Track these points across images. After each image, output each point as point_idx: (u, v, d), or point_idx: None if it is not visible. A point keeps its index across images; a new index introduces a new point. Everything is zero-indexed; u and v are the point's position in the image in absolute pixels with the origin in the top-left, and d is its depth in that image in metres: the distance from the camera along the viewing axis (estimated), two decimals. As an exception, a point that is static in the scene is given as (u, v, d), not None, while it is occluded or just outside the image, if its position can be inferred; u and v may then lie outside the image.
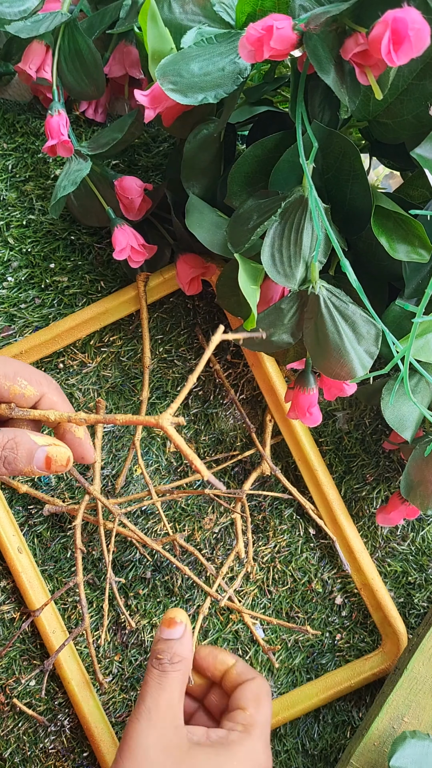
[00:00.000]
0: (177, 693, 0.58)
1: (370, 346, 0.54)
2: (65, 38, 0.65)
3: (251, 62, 0.47)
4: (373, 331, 0.53)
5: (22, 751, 0.69)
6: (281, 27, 0.44)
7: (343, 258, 0.50)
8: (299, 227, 0.51)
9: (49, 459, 0.50)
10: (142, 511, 0.72)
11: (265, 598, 0.72)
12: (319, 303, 0.52)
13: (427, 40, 0.41)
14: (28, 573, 0.69)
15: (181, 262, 0.67)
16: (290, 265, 0.52)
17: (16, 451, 0.49)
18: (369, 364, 0.54)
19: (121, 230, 0.66)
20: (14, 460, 0.49)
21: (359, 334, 0.53)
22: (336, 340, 0.53)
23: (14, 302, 0.72)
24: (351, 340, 0.53)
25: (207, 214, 0.60)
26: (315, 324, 0.53)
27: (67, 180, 0.64)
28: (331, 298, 0.52)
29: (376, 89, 0.45)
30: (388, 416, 0.60)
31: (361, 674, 0.70)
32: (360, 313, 0.53)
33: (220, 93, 0.53)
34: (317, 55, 0.45)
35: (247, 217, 0.54)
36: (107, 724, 0.68)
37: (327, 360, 0.54)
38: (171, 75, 0.53)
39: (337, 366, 0.54)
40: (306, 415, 0.61)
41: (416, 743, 0.59)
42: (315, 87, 0.53)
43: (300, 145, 0.49)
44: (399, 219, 0.54)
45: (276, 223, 0.52)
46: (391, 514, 0.67)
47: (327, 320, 0.52)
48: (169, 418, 0.49)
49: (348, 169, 0.53)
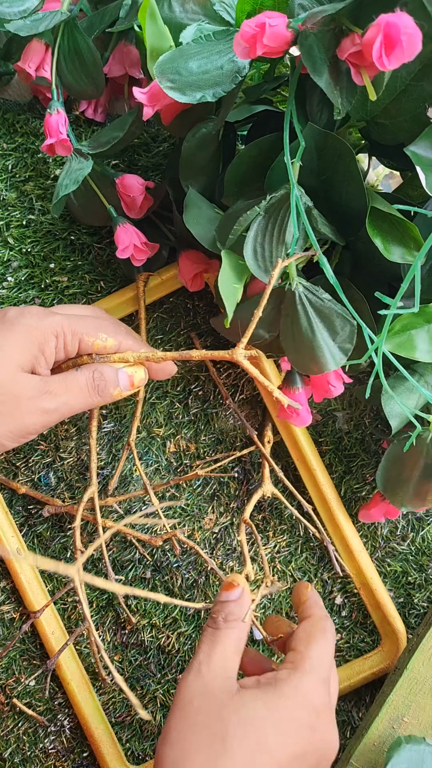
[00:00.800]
0: (231, 648, 0.55)
1: (344, 342, 0.54)
2: (65, 37, 0.65)
3: (245, 59, 0.47)
4: (348, 327, 0.54)
5: (22, 751, 0.69)
6: (274, 24, 0.44)
7: (321, 255, 0.51)
8: (282, 223, 0.52)
9: (130, 377, 0.61)
10: (142, 510, 0.72)
11: (265, 598, 0.72)
12: (294, 299, 0.53)
13: (418, 45, 0.41)
14: (27, 574, 0.69)
15: (183, 259, 0.67)
16: (271, 260, 0.52)
17: (104, 378, 0.59)
18: (342, 360, 0.55)
19: (124, 229, 0.66)
20: (105, 386, 0.59)
21: (333, 330, 0.54)
22: (308, 335, 0.53)
23: (14, 302, 0.72)
24: (324, 336, 0.54)
25: (205, 210, 0.60)
26: (290, 320, 0.54)
27: (68, 179, 0.64)
28: (307, 295, 0.53)
29: (370, 90, 0.45)
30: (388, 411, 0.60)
31: (360, 673, 0.70)
32: (337, 310, 0.53)
33: (218, 91, 0.53)
34: (312, 55, 0.45)
35: (236, 216, 0.54)
36: (107, 725, 0.68)
37: (299, 354, 0.55)
38: (169, 73, 0.52)
39: (309, 360, 0.55)
40: (293, 416, 0.62)
41: (411, 748, 0.59)
42: (314, 87, 0.52)
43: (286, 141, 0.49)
44: (394, 221, 0.54)
45: (260, 217, 0.52)
46: (371, 511, 0.68)
47: (301, 315, 0.53)
48: (242, 351, 0.54)
49: (343, 171, 0.53)
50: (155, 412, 0.72)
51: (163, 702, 0.70)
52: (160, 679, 0.70)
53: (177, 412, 0.73)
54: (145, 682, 0.70)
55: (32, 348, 0.56)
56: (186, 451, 0.72)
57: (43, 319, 0.57)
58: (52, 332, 0.57)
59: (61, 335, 0.58)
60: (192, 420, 0.73)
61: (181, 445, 0.73)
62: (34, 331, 0.56)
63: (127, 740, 0.70)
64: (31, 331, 0.56)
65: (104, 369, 0.60)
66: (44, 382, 0.57)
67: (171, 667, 0.71)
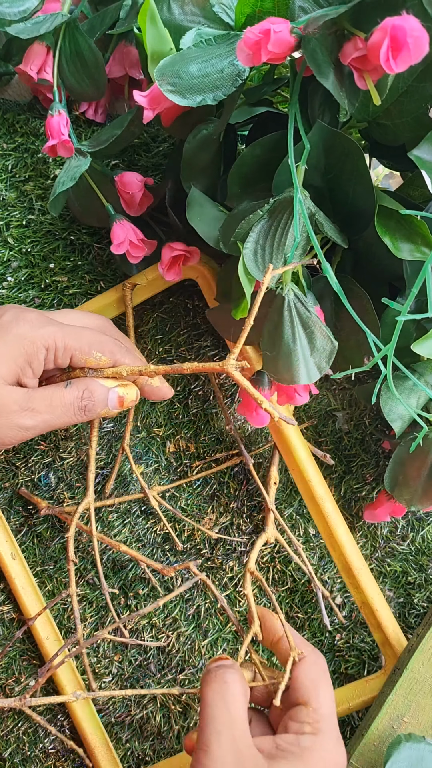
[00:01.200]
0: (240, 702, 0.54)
1: (321, 360, 0.54)
2: (66, 39, 0.65)
3: (249, 66, 0.47)
4: (329, 347, 0.54)
5: (22, 751, 0.69)
6: (279, 30, 0.44)
7: (324, 261, 0.50)
8: (285, 227, 0.52)
9: (121, 398, 0.59)
10: (142, 511, 0.72)
11: (265, 599, 0.72)
12: (283, 304, 0.53)
13: (425, 47, 0.41)
14: (21, 579, 0.69)
15: (164, 248, 0.65)
16: (271, 262, 0.52)
17: (92, 399, 0.58)
18: (316, 377, 0.55)
19: (120, 225, 0.66)
20: (93, 406, 0.58)
21: (314, 346, 0.54)
22: (289, 344, 0.54)
23: (14, 302, 0.72)
24: (304, 349, 0.54)
25: (208, 209, 0.60)
26: (275, 324, 0.54)
27: (66, 176, 0.64)
28: (296, 303, 0.53)
29: (374, 94, 0.45)
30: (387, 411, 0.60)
31: (361, 696, 0.68)
32: (321, 326, 0.53)
33: (218, 95, 0.52)
34: (316, 58, 0.45)
35: (241, 218, 0.54)
36: (102, 732, 0.68)
37: (275, 361, 0.55)
38: (170, 76, 0.52)
39: (284, 369, 0.55)
40: (252, 414, 0.62)
41: (411, 746, 0.59)
42: (315, 88, 0.52)
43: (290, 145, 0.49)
44: (401, 218, 0.54)
45: (263, 220, 0.52)
46: (377, 511, 0.68)
47: (286, 322, 0.53)
48: (233, 363, 0.54)
49: (351, 170, 0.53)
50: (155, 411, 0.72)
51: (162, 702, 0.70)
52: (160, 679, 0.71)
53: (177, 411, 0.73)
54: (145, 682, 0.70)
55: (19, 359, 0.55)
56: (186, 451, 0.73)
57: (37, 329, 0.56)
58: (43, 344, 0.56)
59: (53, 349, 0.56)
60: (192, 420, 0.73)
61: (180, 445, 0.73)
62: (24, 341, 0.55)
63: (127, 740, 0.70)
64: (21, 341, 0.55)
65: (95, 387, 0.58)
66: (27, 397, 0.56)
67: (171, 667, 0.71)
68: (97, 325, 0.62)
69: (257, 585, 0.72)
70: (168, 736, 0.70)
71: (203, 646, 0.71)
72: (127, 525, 0.71)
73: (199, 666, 0.71)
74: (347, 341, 0.58)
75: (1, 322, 0.56)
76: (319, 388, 0.72)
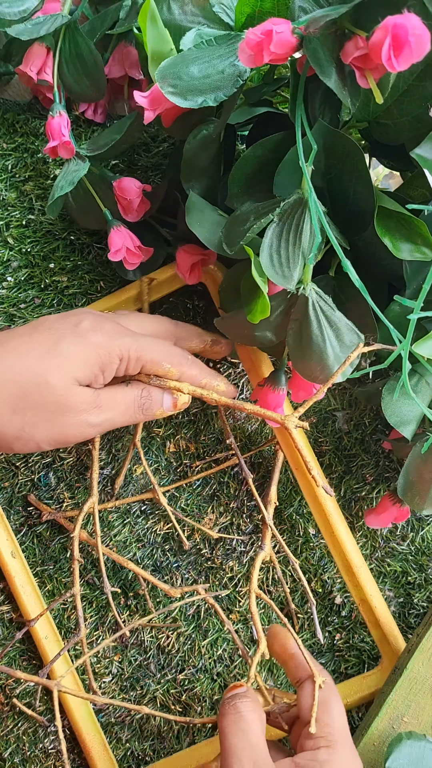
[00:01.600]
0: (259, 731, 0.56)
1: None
2: (66, 40, 0.65)
3: (251, 66, 0.47)
4: (356, 340, 0.54)
5: (22, 751, 0.69)
6: (281, 31, 0.44)
7: (344, 259, 0.50)
8: (298, 229, 0.51)
9: (175, 400, 0.62)
10: (142, 511, 0.72)
11: (270, 609, 0.72)
12: (307, 305, 0.53)
13: (427, 45, 0.41)
14: (21, 578, 0.69)
15: (180, 252, 0.66)
16: (288, 266, 0.52)
17: (150, 398, 0.61)
18: (348, 371, 0.55)
19: (117, 231, 0.66)
20: (150, 405, 0.61)
21: (342, 342, 0.54)
22: (319, 343, 0.54)
23: (14, 302, 0.72)
24: (334, 346, 0.54)
25: (208, 213, 0.60)
26: (300, 325, 0.54)
27: (64, 180, 0.63)
28: (319, 302, 0.53)
29: (376, 93, 0.45)
30: (389, 415, 0.60)
31: (358, 692, 0.69)
32: (345, 321, 0.53)
33: (219, 96, 0.52)
34: (318, 58, 0.45)
35: (244, 219, 0.54)
36: (100, 733, 0.68)
37: (307, 362, 0.55)
38: (170, 78, 0.52)
39: (317, 369, 0.55)
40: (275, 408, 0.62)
41: (412, 744, 0.60)
42: (315, 89, 0.52)
43: (300, 147, 0.49)
44: (401, 218, 0.54)
45: (274, 225, 0.52)
46: (381, 516, 0.67)
47: (313, 323, 0.53)
48: (295, 420, 0.57)
49: (351, 170, 0.53)
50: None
51: (162, 702, 0.70)
52: (160, 679, 0.71)
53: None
54: (144, 682, 0.70)
55: (94, 366, 0.57)
56: (186, 451, 0.73)
57: (114, 340, 0.57)
58: (118, 355, 0.57)
59: (126, 359, 0.58)
60: (192, 420, 0.73)
61: (180, 445, 0.73)
62: (101, 350, 0.56)
63: (126, 740, 0.70)
64: (98, 350, 0.56)
65: (152, 390, 0.61)
66: (95, 395, 0.57)
67: (171, 667, 0.71)
68: (162, 327, 0.65)
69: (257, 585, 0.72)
70: (168, 736, 0.70)
71: (203, 646, 0.71)
72: (127, 525, 0.71)
73: (199, 666, 0.71)
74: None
75: (79, 329, 0.57)
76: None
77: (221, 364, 0.73)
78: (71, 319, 0.58)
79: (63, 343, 0.56)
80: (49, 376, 0.55)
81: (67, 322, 0.58)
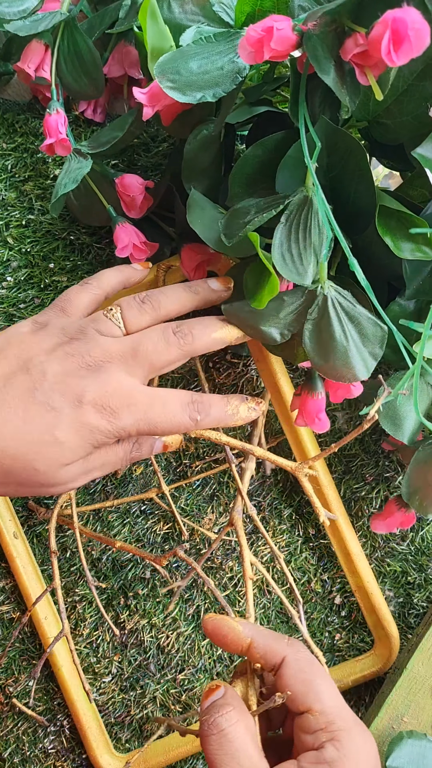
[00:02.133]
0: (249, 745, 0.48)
1: (375, 348, 0.53)
2: (64, 38, 0.65)
3: (251, 63, 0.47)
4: (380, 332, 0.52)
5: (22, 751, 0.69)
6: (281, 28, 0.44)
7: (351, 257, 0.50)
8: (306, 227, 0.51)
9: (165, 446, 0.58)
10: (142, 511, 0.72)
11: (265, 599, 0.72)
12: (327, 303, 0.52)
13: (427, 40, 0.41)
14: (23, 558, 0.69)
15: (186, 250, 0.66)
16: (302, 263, 0.51)
17: (141, 450, 0.56)
18: (372, 366, 0.53)
19: (123, 228, 0.66)
20: (139, 455, 0.56)
21: (365, 336, 0.52)
22: (342, 342, 0.52)
23: (13, 302, 0.72)
24: (356, 342, 0.52)
25: (208, 210, 0.60)
26: (318, 324, 0.53)
27: (67, 178, 0.63)
28: (339, 299, 0.52)
29: (376, 90, 0.45)
30: (383, 420, 0.60)
31: (351, 675, 0.70)
32: (366, 314, 0.52)
33: (218, 92, 0.52)
34: (317, 55, 0.45)
35: (245, 212, 0.53)
36: (102, 730, 0.68)
37: (331, 362, 0.53)
38: (169, 73, 0.52)
39: (343, 368, 0.53)
40: (315, 422, 0.59)
41: (413, 743, 0.59)
42: (315, 87, 0.52)
43: (304, 145, 0.49)
44: (402, 217, 0.54)
45: (282, 226, 0.51)
46: (387, 521, 0.67)
47: (334, 321, 0.52)
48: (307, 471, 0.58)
49: (353, 168, 0.53)
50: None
51: (162, 702, 0.70)
52: (160, 679, 0.70)
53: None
54: (144, 682, 0.70)
55: (89, 447, 0.51)
56: (185, 451, 0.72)
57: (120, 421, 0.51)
58: (116, 436, 0.51)
59: (125, 436, 0.52)
60: (191, 420, 0.73)
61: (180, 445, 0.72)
62: (99, 435, 0.51)
63: (126, 740, 0.70)
64: (96, 436, 0.51)
65: (143, 438, 0.56)
66: (83, 467, 0.52)
67: (170, 667, 0.71)
68: None
69: (257, 585, 0.72)
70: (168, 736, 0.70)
71: (203, 646, 0.71)
72: (126, 525, 0.71)
73: (199, 666, 0.71)
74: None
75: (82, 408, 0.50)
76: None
77: (221, 363, 0.73)
78: (74, 389, 0.50)
79: (59, 431, 0.49)
80: (37, 465, 0.49)
81: (69, 395, 0.50)
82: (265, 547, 0.72)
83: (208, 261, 0.66)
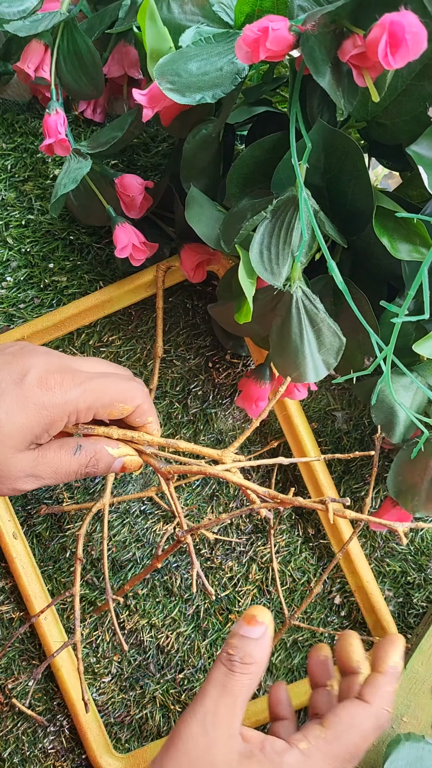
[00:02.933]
0: (240, 699, 0.50)
1: (329, 356, 0.55)
2: (64, 38, 0.65)
3: (248, 63, 0.47)
4: (337, 343, 0.54)
5: (22, 751, 0.69)
6: (277, 28, 0.44)
7: (330, 260, 0.50)
8: (289, 226, 0.51)
9: (124, 467, 0.58)
10: (141, 511, 0.72)
11: (264, 598, 0.72)
12: (290, 302, 0.53)
13: (423, 43, 0.41)
14: (23, 559, 0.69)
15: (185, 250, 0.66)
16: (277, 263, 0.52)
17: (97, 467, 0.56)
18: (323, 373, 0.55)
19: (122, 228, 0.66)
20: (95, 472, 0.56)
21: (322, 343, 0.54)
22: (296, 342, 0.54)
23: (13, 302, 0.72)
24: (311, 346, 0.54)
25: (207, 208, 0.60)
26: (282, 321, 0.54)
27: (67, 178, 0.63)
28: (304, 301, 0.53)
29: (373, 92, 0.45)
30: (376, 417, 0.60)
31: None
32: (329, 323, 0.53)
33: (218, 93, 0.52)
34: (313, 57, 0.45)
35: (242, 216, 0.54)
36: (102, 730, 0.68)
37: (283, 358, 0.55)
38: (169, 74, 0.52)
39: (291, 366, 0.55)
40: (252, 407, 0.63)
41: (411, 746, 0.59)
42: (314, 88, 0.52)
43: (293, 144, 0.49)
44: (399, 219, 0.54)
45: (267, 220, 0.52)
46: (384, 518, 0.67)
47: (293, 320, 0.53)
48: (231, 455, 0.57)
49: (350, 169, 0.53)
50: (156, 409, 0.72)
51: (162, 702, 0.70)
52: (159, 679, 0.70)
53: (176, 411, 0.73)
54: (144, 682, 0.70)
55: (36, 428, 0.52)
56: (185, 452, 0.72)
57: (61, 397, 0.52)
58: (65, 413, 0.53)
59: (75, 413, 0.53)
60: (191, 420, 0.73)
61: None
62: (45, 412, 0.52)
63: (126, 740, 0.70)
64: (43, 412, 0.52)
65: (102, 456, 0.56)
66: (34, 465, 0.53)
67: (170, 667, 0.71)
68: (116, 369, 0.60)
69: (257, 586, 0.72)
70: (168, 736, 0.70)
71: (203, 646, 0.71)
72: (126, 525, 0.71)
73: (199, 666, 0.71)
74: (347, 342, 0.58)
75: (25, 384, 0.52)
76: (318, 387, 0.72)
77: (221, 364, 0.73)
78: (17, 368, 0.52)
79: (3, 404, 0.51)
80: None
81: (12, 372, 0.52)
82: (265, 547, 0.72)
83: (207, 261, 0.67)
